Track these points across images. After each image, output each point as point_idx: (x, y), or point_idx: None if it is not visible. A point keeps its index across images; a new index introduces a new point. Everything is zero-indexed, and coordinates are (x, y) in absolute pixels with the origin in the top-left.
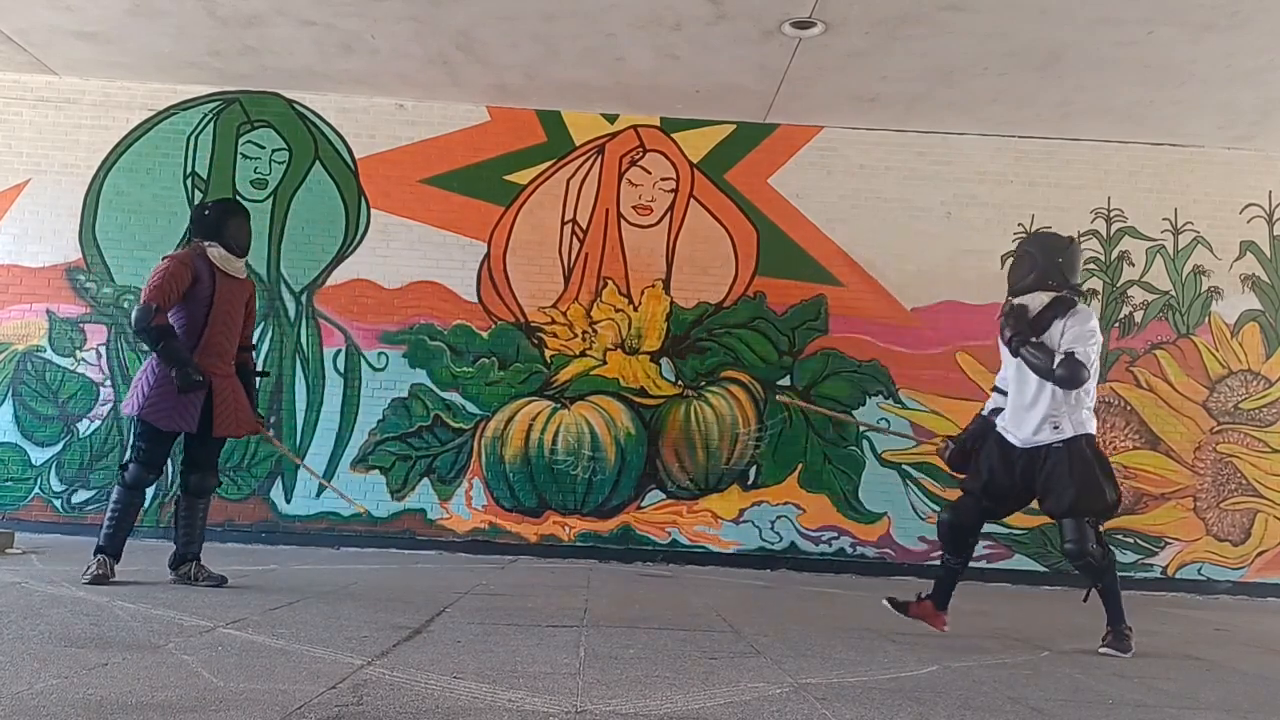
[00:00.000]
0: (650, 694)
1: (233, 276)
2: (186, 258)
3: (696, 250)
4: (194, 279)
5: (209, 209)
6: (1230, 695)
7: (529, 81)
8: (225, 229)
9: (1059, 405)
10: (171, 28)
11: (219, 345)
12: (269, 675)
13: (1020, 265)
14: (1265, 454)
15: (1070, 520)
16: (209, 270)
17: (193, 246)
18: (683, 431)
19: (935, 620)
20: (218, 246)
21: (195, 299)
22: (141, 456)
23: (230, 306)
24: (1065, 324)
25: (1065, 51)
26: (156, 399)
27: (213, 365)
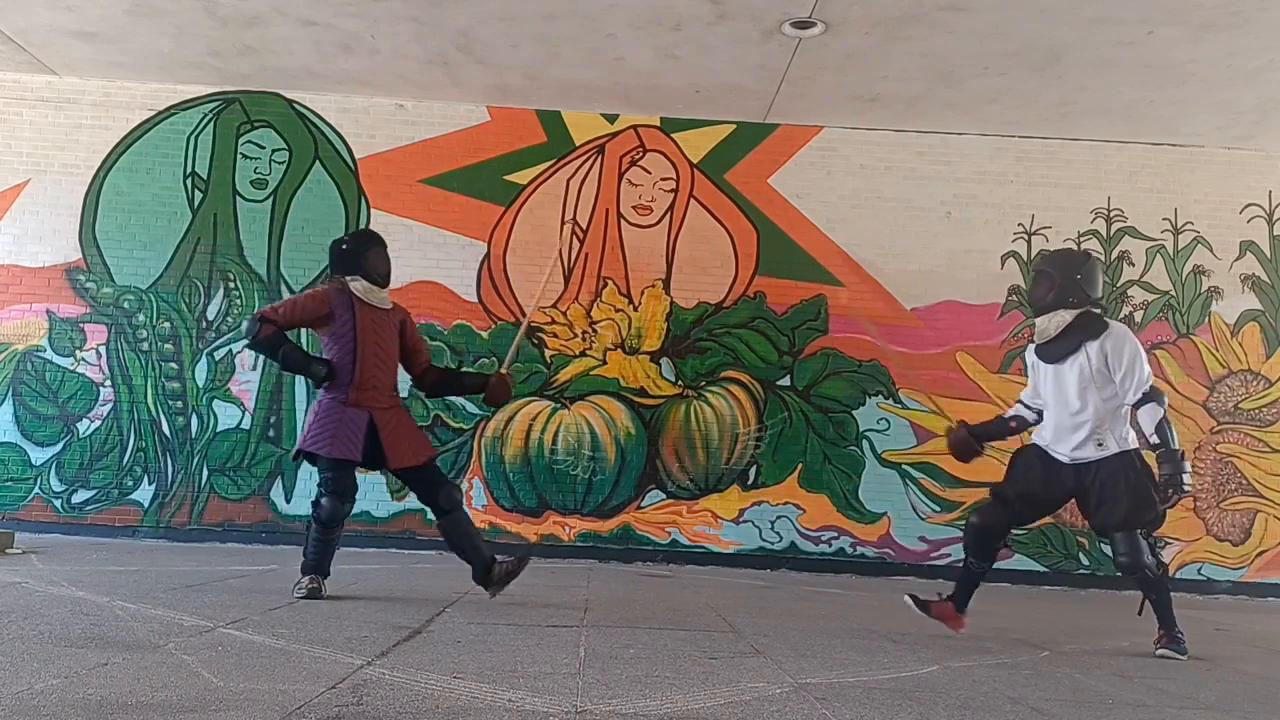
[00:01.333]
0: (650, 694)
1: (377, 308)
2: (324, 294)
3: (697, 250)
4: (330, 314)
5: (346, 242)
6: (1230, 695)
7: (529, 82)
8: (365, 260)
9: (1102, 422)
10: (171, 28)
11: (372, 378)
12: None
13: (1039, 285)
14: (1265, 454)
15: (1123, 534)
16: (349, 305)
17: (334, 282)
18: (683, 431)
19: (954, 621)
20: (360, 280)
21: (338, 337)
22: (330, 485)
23: (379, 338)
24: (1105, 348)
25: (1065, 51)
26: (319, 430)
27: (369, 399)
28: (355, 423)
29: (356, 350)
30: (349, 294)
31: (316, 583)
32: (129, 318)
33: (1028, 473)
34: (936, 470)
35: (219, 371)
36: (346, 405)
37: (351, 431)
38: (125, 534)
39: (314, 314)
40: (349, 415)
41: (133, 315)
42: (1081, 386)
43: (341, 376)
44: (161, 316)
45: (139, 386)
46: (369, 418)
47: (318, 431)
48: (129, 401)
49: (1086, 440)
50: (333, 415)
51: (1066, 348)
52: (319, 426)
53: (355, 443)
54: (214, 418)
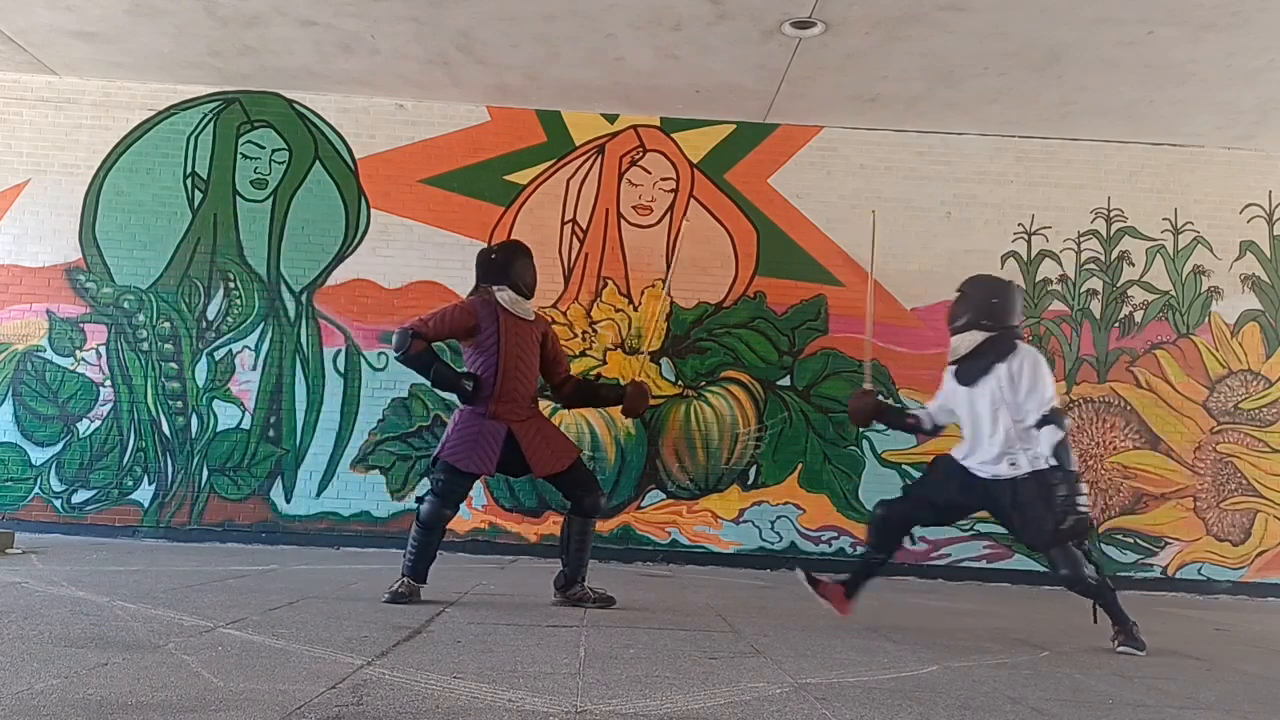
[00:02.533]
0: (650, 694)
1: (522, 319)
2: (471, 306)
3: (697, 250)
4: (476, 326)
5: (495, 252)
6: (1230, 695)
7: (529, 82)
8: (513, 270)
9: (1012, 442)
10: (171, 28)
11: (513, 391)
12: (269, 675)
13: (957, 305)
14: (1265, 454)
15: (1057, 550)
16: (494, 316)
17: (480, 292)
18: (683, 431)
19: (841, 605)
20: (507, 290)
21: (481, 349)
22: (439, 488)
23: (522, 350)
24: (1012, 369)
25: (1065, 51)
26: (457, 441)
27: (508, 412)
28: (493, 436)
29: (499, 363)
30: (495, 305)
31: (408, 587)
32: (129, 318)
33: (945, 481)
34: None
35: (219, 371)
36: (485, 418)
37: (489, 445)
38: (125, 534)
39: (462, 326)
40: (488, 428)
41: (133, 315)
42: (994, 408)
43: (484, 389)
44: (161, 316)
45: (139, 386)
46: (507, 430)
47: (456, 442)
48: (129, 401)
49: (1000, 458)
50: (472, 427)
51: (978, 369)
52: (458, 437)
53: (490, 458)
54: (214, 418)
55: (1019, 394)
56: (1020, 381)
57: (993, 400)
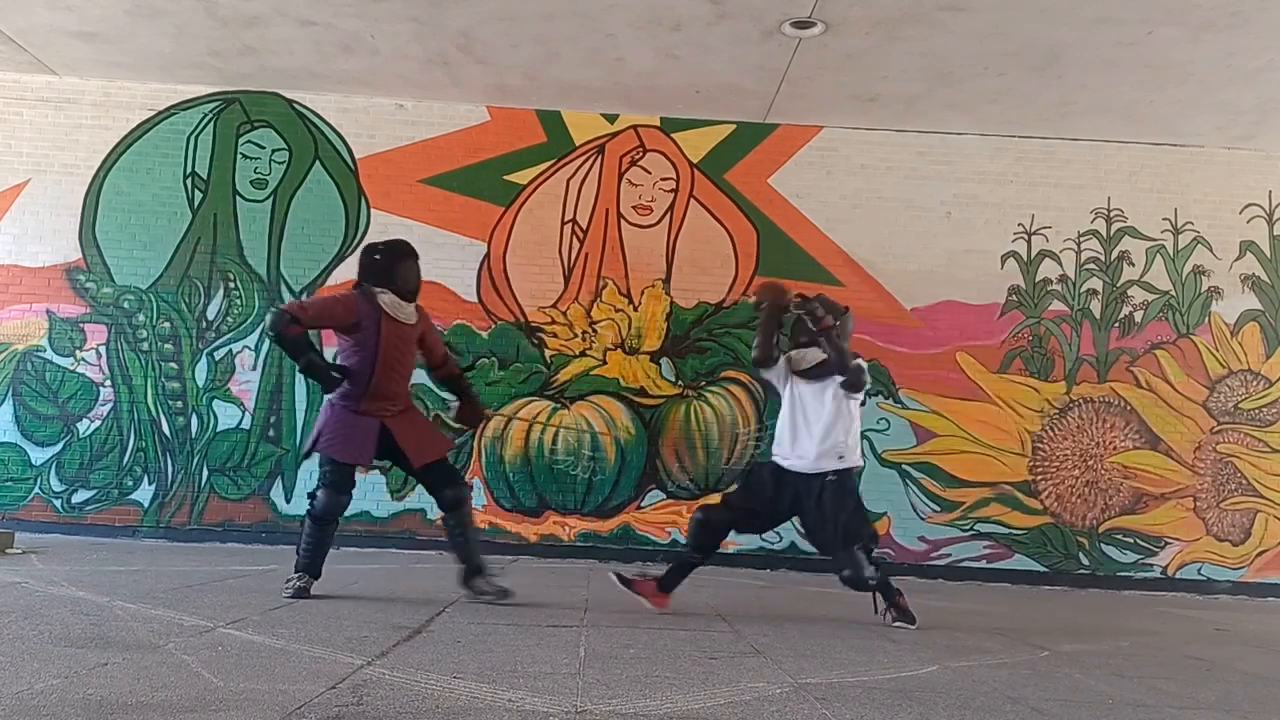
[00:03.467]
0: (650, 694)
1: (403, 323)
2: (354, 302)
3: (696, 250)
4: (357, 323)
5: (379, 253)
6: (1230, 695)
7: (529, 81)
8: (396, 275)
9: (845, 434)
10: (171, 28)
11: (386, 389)
12: (269, 675)
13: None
14: (1265, 454)
15: (844, 552)
16: (376, 317)
17: (361, 290)
18: (683, 431)
19: (656, 600)
20: (389, 294)
21: (360, 347)
22: (327, 479)
23: (399, 351)
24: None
25: (1065, 51)
26: (331, 434)
27: (380, 409)
28: (367, 430)
29: (376, 364)
30: (378, 307)
31: (306, 582)
32: (129, 318)
33: (760, 492)
34: (936, 470)
35: (219, 371)
36: (358, 414)
37: (363, 437)
38: (125, 534)
39: (341, 321)
40: (361, 423)
41: (133, 315)
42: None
43: (357, 386)
44: (161, 316)
45: (139, 386)
46: (380, 425)
47: (331, 435)
48: (129, 401)
49: (829, 452)
50: (345, 421)
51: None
52: (330, 430)
53: (366, 449)
54: (214, 418)
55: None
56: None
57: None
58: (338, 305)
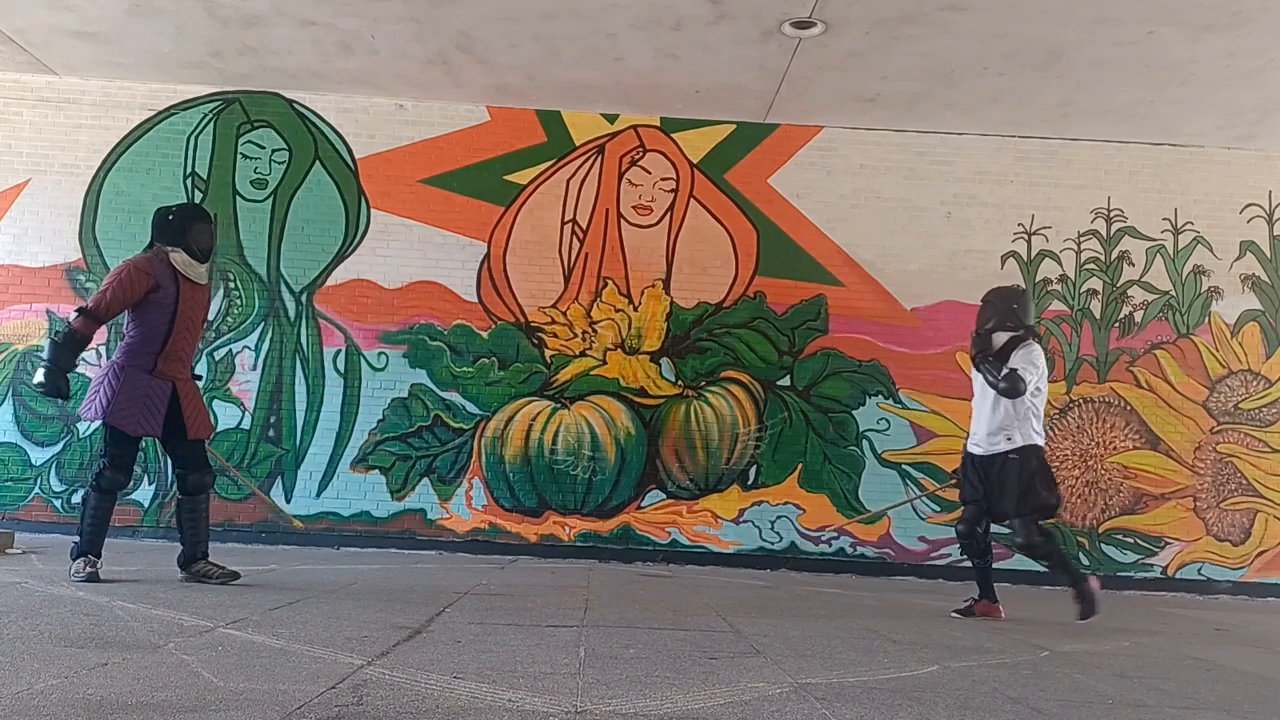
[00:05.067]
0: (650, 694)
1: (195, 282)
2: (145, 264)
3: (696, 250)
4: (156, 285)
5: (173, 214)
6: (1230, 695)
7: (529, 81)
8: (189, 233)
9: (1010, 420)
10: (171, 28)
11: (182, 350)
12: (269, 675)
13: (984, 312)
14: (1265, 454)
15: (1018, 520)
16: (172, 276)
17: (155, 251)
18: (683, 431)
19: (994, 612)
20: (181, 252)
21: (159, 305)
22: (116, 461)
23: (193, 313)
24: (1018, 352)
25: (1065, 51)
26: (124, 404)
27: (176, 370)
28: (160, 395)
29: (174, 322)
30: (170, 265)
31: (94, 566)
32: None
33: (967, 476)
34: (936, 470)
35: (219, 371)
36: (152, 375)
37: (157, 406)
38: (125, 534)
39: (144, 290)
40: (155, 387)
41: None
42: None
43: (151, 345)
44: None
45: None
46: (172, 388)
47: (124, 404)
48: None
49: (998, 433)
50: (139, 386)
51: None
52: (125, 398)
53: (158, 418)
54: (214, 418)
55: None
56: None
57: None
58: (136, 277)
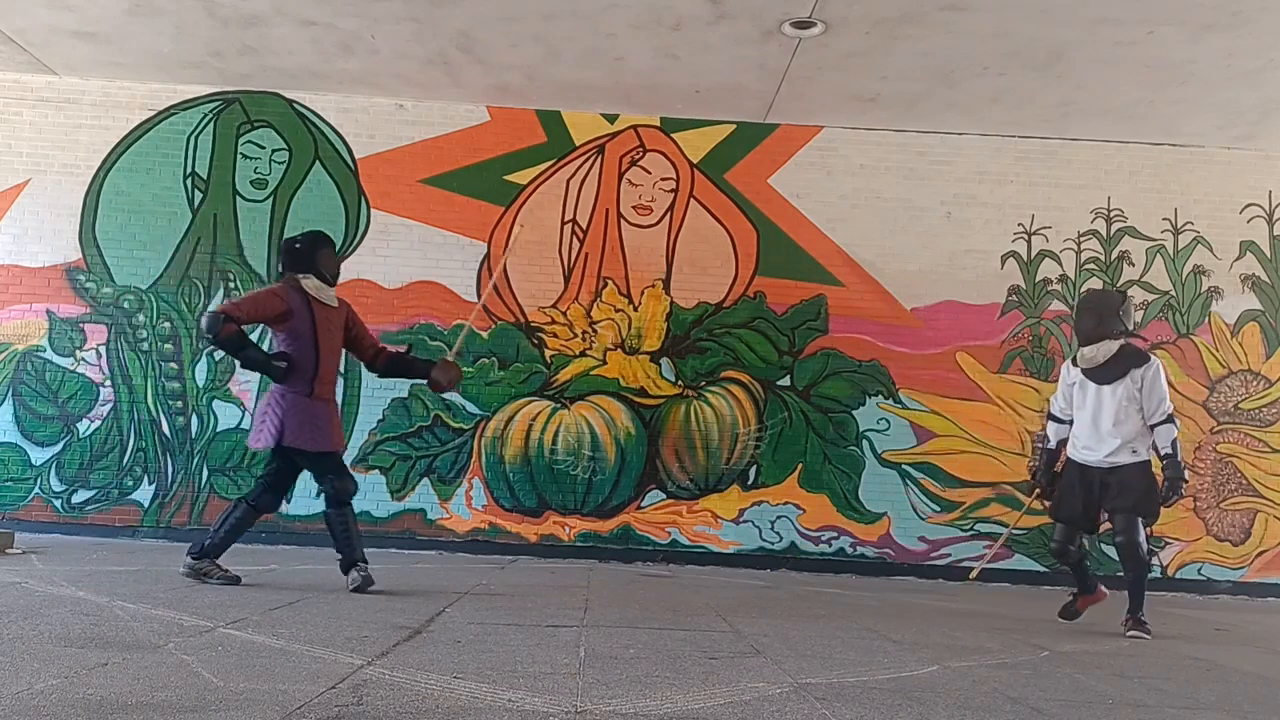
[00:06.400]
0: (650, 694)
1: (327, 305)
2: (283, 291)
3: (696, 250)
4: (289, 311)
5: (299, 242)
6: (1230, 695)
7: (529, 81)
8: (317, 260)
9: (1137, 435)
10: (171, 28)
11: (330, 373)
12: (269, 675)
13: (1084, 318)
14: (1265, 454)
15: (1125, 515)
16: (305, 302)
17: (287, 280)
18: (683, 431)
19: (1095, 599)
20: (311, 278)
21: (297, 334)
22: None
23: (331, 334)
24: (1145, 377)
25: (1065, 51)
26: (296, 425)
27: (327, 393)
28: (323, 414)
29: (317, 347)
30: (303, 292)
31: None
32: (129, 318)
33: (1070, 494)
34: (936, 470)
35: (219, 371)
36: (311, 399)
37: (325, 423)
38: (125, 534)
39: (274, 311)
40: (317, 408)
41: (133, 315)
42: (1123, 405)
43: (304, 372)
44: (161, 316)
45: (139, 386)
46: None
47: (295, 427)
48: (129, 401)
49: (1122, 448)
50: (304, 410)
51: (1115, 372)
52: (295, 422)
53: (329, 433)
54: (214, 418)
55: (1145, 399)
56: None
57: (1125, 398)
58: (270, 297)
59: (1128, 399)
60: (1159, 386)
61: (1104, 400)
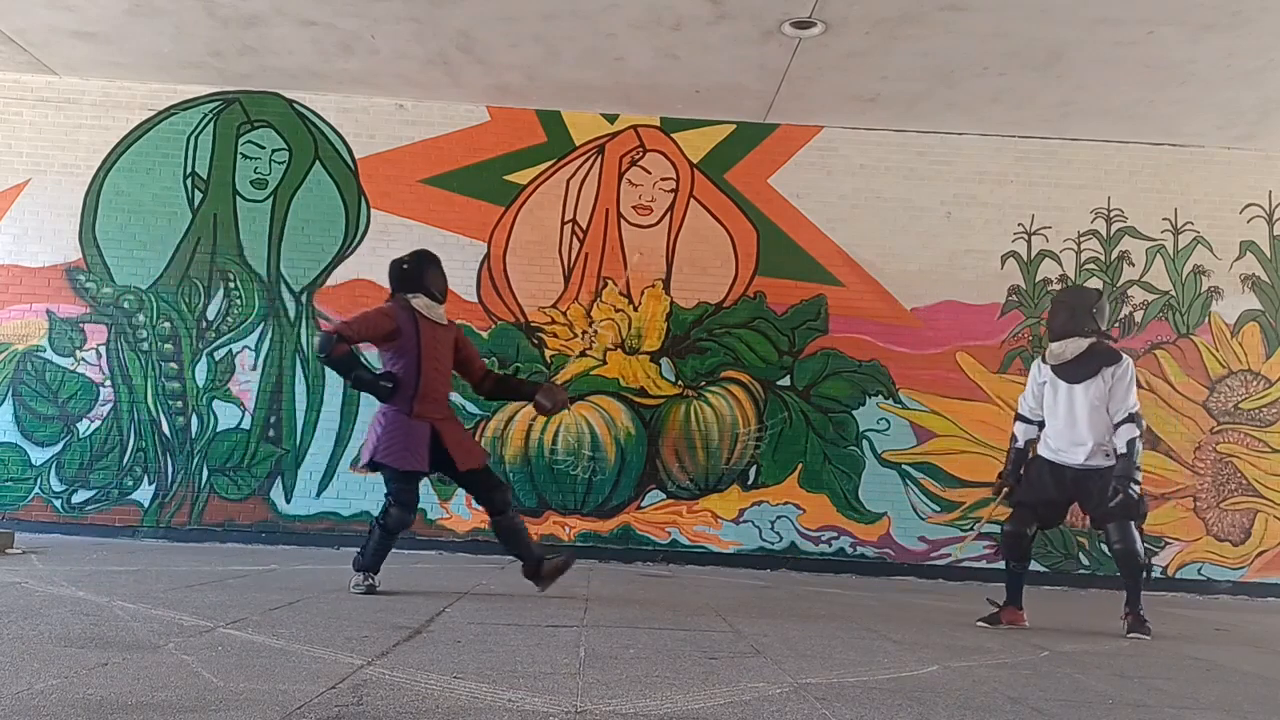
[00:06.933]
0: (650, 694)
1: (437, 323)
2: (391, 310)
3: (696, 250)
4: (397, 330)
5: (407, 263)
6: (1230, 695)
7: (529, 81)
8: (426, 278)
9: (1106, 436)
10: (171, 28)
11: (434, 392)
12: (269, 675)
13: (1057, 314)
14: (1265, 454)
15: (1118, 523)
16: (413, 321)
17: (396, 300)
18: (683, 431)
19: (1018, 618)
20: (421, 297)
21: (403, 352)
22: (400, 498)
23: (439, 352)
24: (1115, 375)
25: (1065, 51)
26: (388, 442)
27: (431, 411)
28: (420, 434)
29: (420, 365)
30: (412, 311)
31: (373, 579)
32: (129, 318)
33: (1041, 480)
34: (936, 470)
35: (219, 371)
36: (411, 417)
37: (418, 443)
38: (125, 534)
39: (383, 330)
40: (415, 427)
41: (133, 315)
42: (1095, 405)
43: (406, 390)
44: (161, 316)
45: (139, 386)
46: (431, 428)
47: (387, 443)
48: (129, 401)
49: (1096, 450)
50: (400, 428)
51: (1085, 371)
52: (388, 439)
53: (423, 454)
54: (214, 418)
55: (1112, 397)
56: (1117, 387)
57: (1095, 399)
58: (378, 315)
59: (1099, 399)
60: (1126, 386)
61: (1076, 400)
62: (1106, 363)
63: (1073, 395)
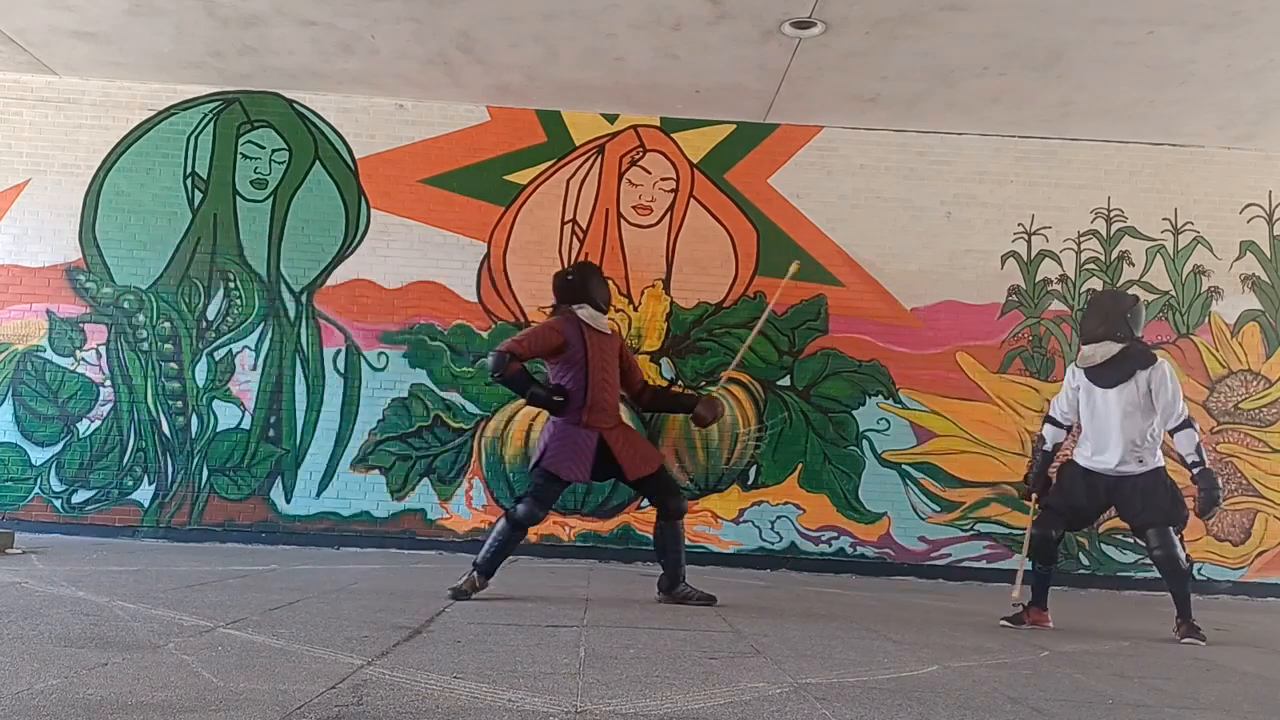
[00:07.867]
0: (650, 694)
1: (601, 333)
2: (558, 325)
3: (696, 250)
4: (565, 343)
5: (571, 274)
6: (1230, 695)
7: (529, 81)
8: (590, 289)
9: (1139, 443)
10: (171, 28)
11: (602, 401)
12: (269, 675)
13: (1091, 317)
14: (1265, 454)
15: (1158, 529)
16: (579, 332)
17: (562, 312)
18: (683, 431)
19: (1043, 619)
20: (587, 308)
21: (571, 363)
22: (537, 492)
23: (605, 362)
24: (1152, 380)
25: (1065, 51)
26: (556, 450)
27: (599, 420)
28: (587, 443)
29: (588, 375)
30: (578, 322)
31: (471, 584)
32: (129, 318)
33: (1073, 486)
34: (936, 470)
35: (219, 371)
36: (580, 427)
37: (584, 453)
38: (125, 534)
39: (551, 346)
40: (582, 437)
41: (133, 315)
42: (1128, 411)
43: (575, 401)
44: (161, 316)
45: (139, 386)
46: (599, 437)
47: (555, 450)
48: (129, 401)
49: (1128, 456)
50: (569, 437)
51: (1118, 375)
52: (557, 445)
53: (586, 465)
54: (214, 418)
55: (1156, 403)
56: (1158, 392)
57: (1129, 403)
58: (548, 333)
59: (1132, 404)
60: (1171, 388)
61: (1110, 405)
62: (1141, 365)
63: (1106, 400)
